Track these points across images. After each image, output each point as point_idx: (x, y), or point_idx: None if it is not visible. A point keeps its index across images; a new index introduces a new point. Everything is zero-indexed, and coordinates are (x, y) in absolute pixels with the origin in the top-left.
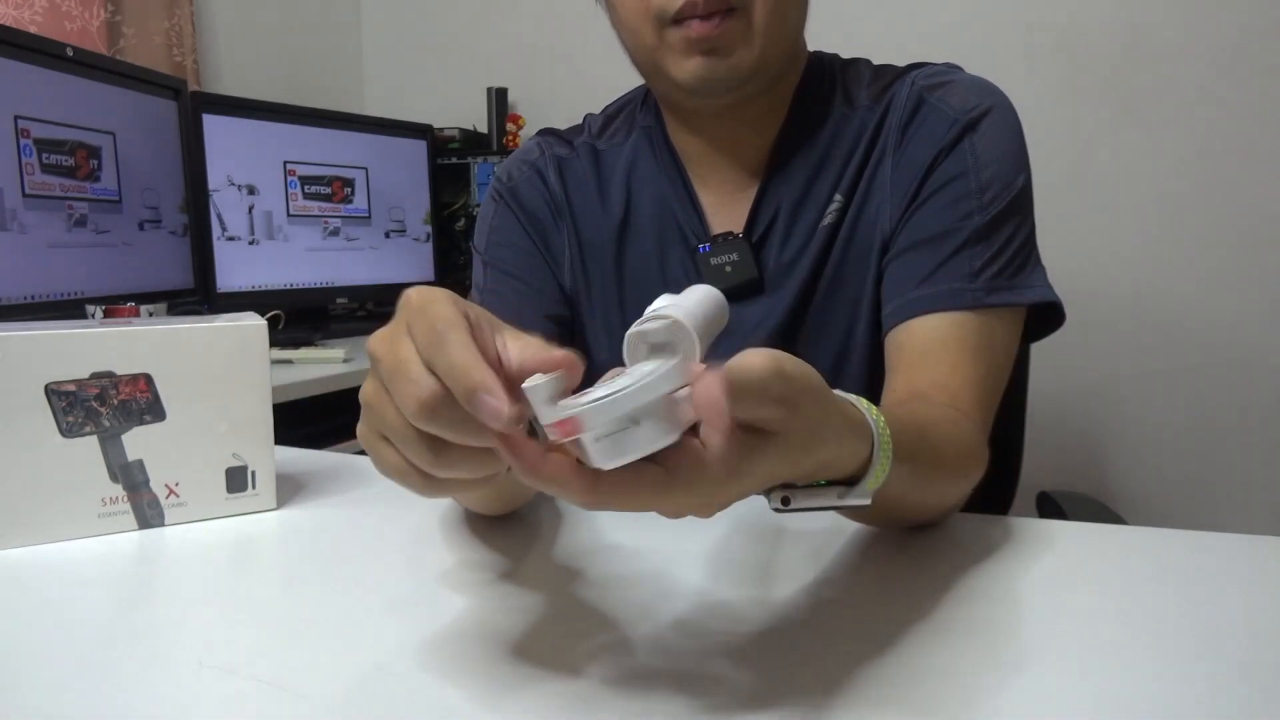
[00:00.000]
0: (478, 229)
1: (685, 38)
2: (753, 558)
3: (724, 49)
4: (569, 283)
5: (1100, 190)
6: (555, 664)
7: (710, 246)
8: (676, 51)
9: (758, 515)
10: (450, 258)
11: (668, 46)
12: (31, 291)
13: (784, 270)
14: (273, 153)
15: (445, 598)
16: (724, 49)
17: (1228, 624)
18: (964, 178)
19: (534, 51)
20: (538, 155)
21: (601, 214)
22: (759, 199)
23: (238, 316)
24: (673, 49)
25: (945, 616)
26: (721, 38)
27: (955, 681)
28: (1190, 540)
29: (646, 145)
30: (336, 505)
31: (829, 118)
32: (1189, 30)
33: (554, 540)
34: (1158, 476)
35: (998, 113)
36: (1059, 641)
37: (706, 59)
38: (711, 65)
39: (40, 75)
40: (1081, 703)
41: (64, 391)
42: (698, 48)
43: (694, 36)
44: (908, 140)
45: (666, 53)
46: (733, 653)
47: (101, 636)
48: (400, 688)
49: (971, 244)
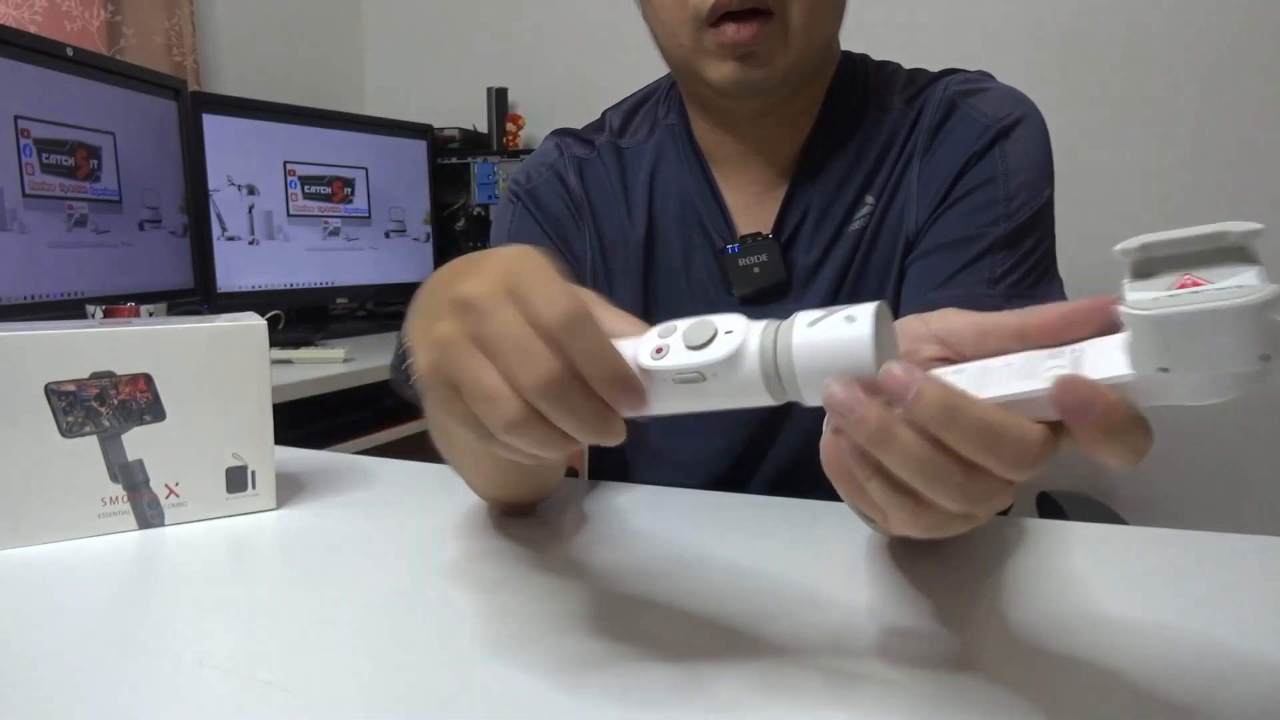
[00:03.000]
0: (494, 231)
1: (721, 43)
2: (754, 557)
3: (761, 54)
4: (590, 284)
5: (1100, 190)
6: (555, 664)
7: (739, 247)
8: (713, 55)
9: (759, 515)
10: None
11: (704, 50)
12: (31, 291)
13: (811, 272)
14: (273, 153)
15: (445, 597)
16: (761, 54)
17: (1228, 624)
18: (992, 184)
19: (534, 51)
20: (556, 157)
21: (625, 214)
22: (788, 200)
23: (238, 316)
24: (709, 52)
25: (945, 616)
26: (758, 43)
27: (955, 680)
28: (1190, 540)
29: (670, 144)
30: (336, 505)
31: (861, 120)
32: (1189, 30)
33: (554, 540)
34: (1158, 477)
35: (1030, 123)
36: (1059, 641)
37: (742, 64)
38: (747, 70)
39: (40, 75)
40: (1081, 702)
41: (64, 391)
42: (734, 53)
43: (730, 42)
44: (938, 144)
45: (703, 56)
46: (734, 653)
47: (101, 636)
48: (400, 688)
49: (994, 251)
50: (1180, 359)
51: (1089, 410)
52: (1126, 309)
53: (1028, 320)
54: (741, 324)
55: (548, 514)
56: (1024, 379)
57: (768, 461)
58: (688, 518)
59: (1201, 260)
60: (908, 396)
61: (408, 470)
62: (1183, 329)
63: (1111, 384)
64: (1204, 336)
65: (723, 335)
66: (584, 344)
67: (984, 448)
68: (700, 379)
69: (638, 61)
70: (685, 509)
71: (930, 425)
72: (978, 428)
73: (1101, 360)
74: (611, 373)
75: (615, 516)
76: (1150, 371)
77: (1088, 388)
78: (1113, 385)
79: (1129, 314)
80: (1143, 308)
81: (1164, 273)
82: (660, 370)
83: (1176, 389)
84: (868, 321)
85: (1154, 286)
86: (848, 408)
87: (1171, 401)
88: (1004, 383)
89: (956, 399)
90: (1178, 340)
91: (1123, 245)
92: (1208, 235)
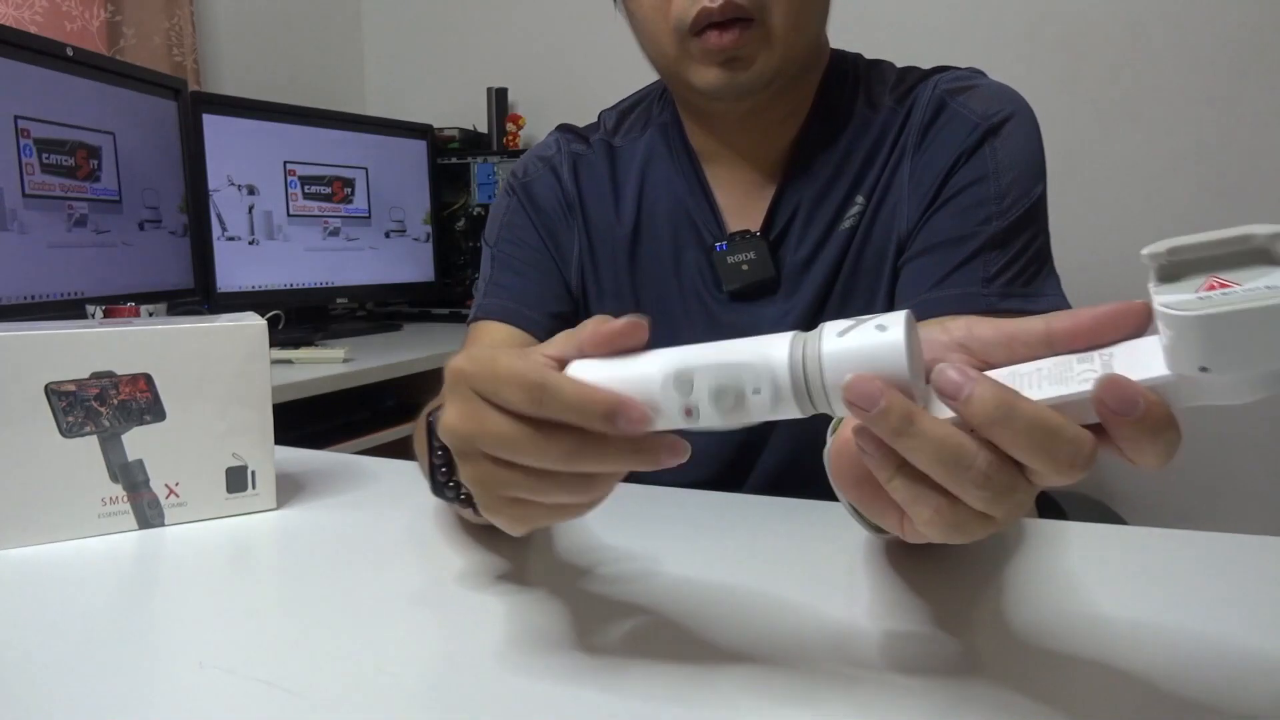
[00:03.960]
0: (490, 222)
1: (705, 49)
2: (753, 557)
3: (745, 59)
4: (575, 281)
5: (1100, 190)
6: (554, 664)
7: (727, 245)
8: (697, 61)
9: (756, 516)
10: (450, 258)
11: (689, 56)
12: (31, 291)
13: (800, 270)
14: (273, 153)
15: (445, 597)
16: (745, 59)
17: (1228, 624)
18: (983, 182)
19: (534, 51)
20: (554, 152)
21: (615, 211)
22: (777, 198)
23: (238, 316)
24: (693, 59)
25: (945, 616)
26: (741, 48)
27: (954, 680)
28: (1190, 540)
29: (662, 142)
30: (336, 505)
31: (851, 118)
32: (1189, 30)
33: (553, 541)
34: (1158, 476)
35: (1020, 120)
36: (1059, 641)
37: (726, 69)
38: (732, 75)
39: (40, 75)
40: (1082, 702)
41: (64, 391)
42: (718, 58)
43: (714, 48)
44: (928, 143)
45: (688, 62)
46: (736, 653)
47: (101, 636)
48: (400, 688)
49: (988, 249)
50: (1222, 358)
51: (1132, 409)
52: (1169, 310)
53: (1054, 325)
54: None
55: None
56: (1058, 383)
57: (761, 461)
58: (688, 518)
59: (1227, 263)
60: (961, 396)
61: (408, 470)
62: (1227, 328)
63: (1149, 385)
64: (1247, 335)
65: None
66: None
67: (1038, 447)
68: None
69: (637, 61)
70: (685, 509)
71: (985, 425)
72: (1031, 427)
73: (1134, 362)
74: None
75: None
76: (1191, 371)
77: (1130, 387)
78: (1150, 386)
79: (1172, 315)
80: (1183, 309)
81: (1190, 276)
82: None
83: (1215, 388)
84: (900, 329)
85: (1182, 289)
86: (870, 400)
87: (1205, 401)
88: (1038, 386)
89: (1012, 398)
90: (1221, 340)
91: (1149, 249)
92: (1233, 238)
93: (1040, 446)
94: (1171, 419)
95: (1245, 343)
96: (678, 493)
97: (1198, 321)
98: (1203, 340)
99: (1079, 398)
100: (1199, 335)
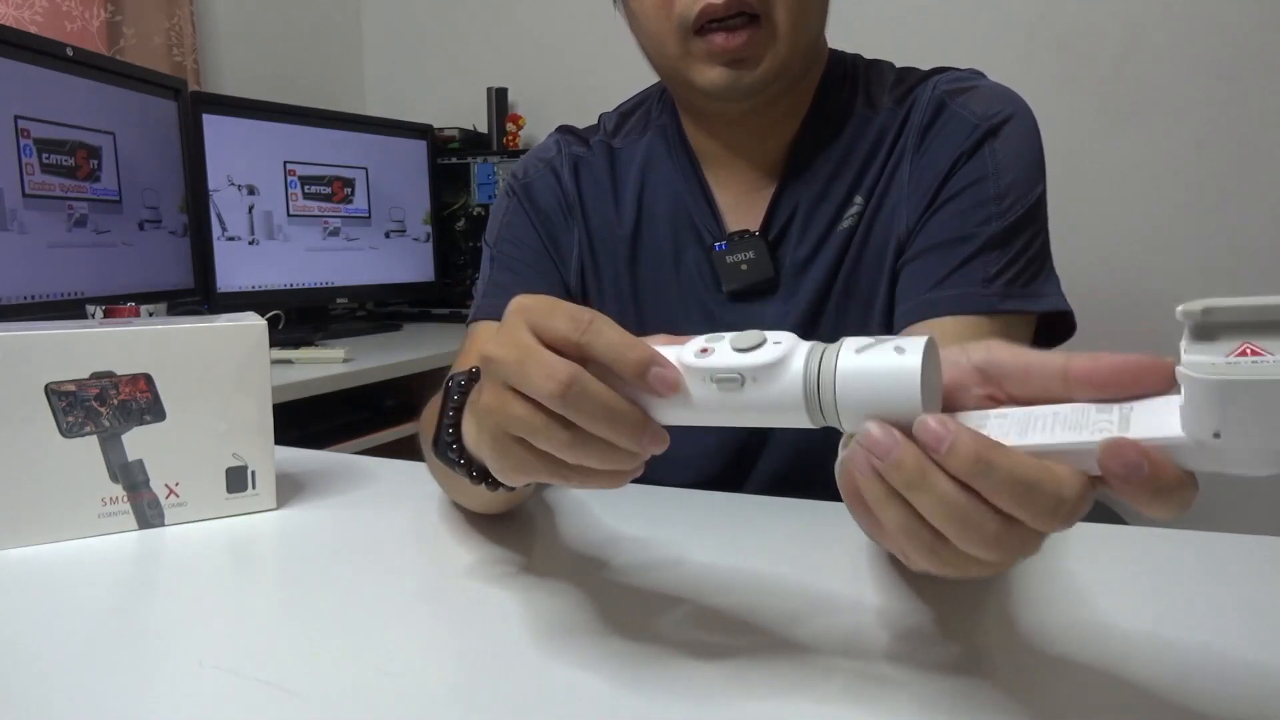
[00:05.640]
0: (490, 222)
1: (710, 50)
2: (758, 558)
3: (749, 59)
4: (574, 282)
5: (1099, 190)
6: (555, 664)
7: (726, 244)
8: (701, 61)
9: (759, 516)
10: (450, 258)
11: (692, 56)
12: (31, 291)
13: (800, 270)
14: (273, 153)
15: (444, 597)
16: (749, 59)
17: (1229, 624)
18: (983, 183)
19: (534, 51)
20: (554, 154)
21: (615, 212)
22: (776, 198)
23: (238, 316)
24: (696, 59)
25: (945, 616)
26: (746, 48)
27: (954, 679)
28: (1190, 540)
29: (662, 143)
30: (336, 505)
31: (850, 118)
32: (1189, 30)
33: (553, 541)
34: None
35: (1019, 120)
36: (1059, 641)
37: (730, 68)
38: (736, 75)
39: (40, 75)
40: (1081, 702)
41: (64, 391)
42: (722, 58)
43: (720, 50)
44: (927, 143)
45: (691, 62)
46: (738, 654)
47: (101, 636)
48: (400, 688)
49: (987, 250)
50: (1235, 426)
51: (1135, 473)
52: (1186, 371)
53: (1072, 365)
54: (790, 339)
55: (545, 514)
56: (1070, 430)
57: (761, 461)
58: (688, 518)
59: (1263, 330)
60: (942, 449)
61: (408, 470)
62: (1243, 397)
63: (1160, 444)
64: (1263, 407)
65: (771, 344)
66: (602, 341)
67: (1016, 499)
68: (739, 384)
69: (638, 62)
70: (685, 509)
71: (964, 476)
72: (1011, 480)
73: (1152, 420)
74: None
75: (616, 515)
76: (1203, 435)
77: (1134, 451)
78: (1161, 446)
79: (1189, 376)
80: (1202, 371)
81: (1224, 338)
82: (702, 368)
83: (1226, 456)
84: (917, 354)
85: (1213, 351)
86: (885, 450)
87: (1217, 469)
88: (1048, 430)
89: (989, 451)
90: (1236, 407)
91: (1185, 307)
92: (1273, 306)
93: (1020, 499)
94: (1181, 479)
95: (1262, 414)
96: (678, 493)
97: (1215, 386)
98: (1218, 406)
99: (1086, 448)
100: (1215, 401)
